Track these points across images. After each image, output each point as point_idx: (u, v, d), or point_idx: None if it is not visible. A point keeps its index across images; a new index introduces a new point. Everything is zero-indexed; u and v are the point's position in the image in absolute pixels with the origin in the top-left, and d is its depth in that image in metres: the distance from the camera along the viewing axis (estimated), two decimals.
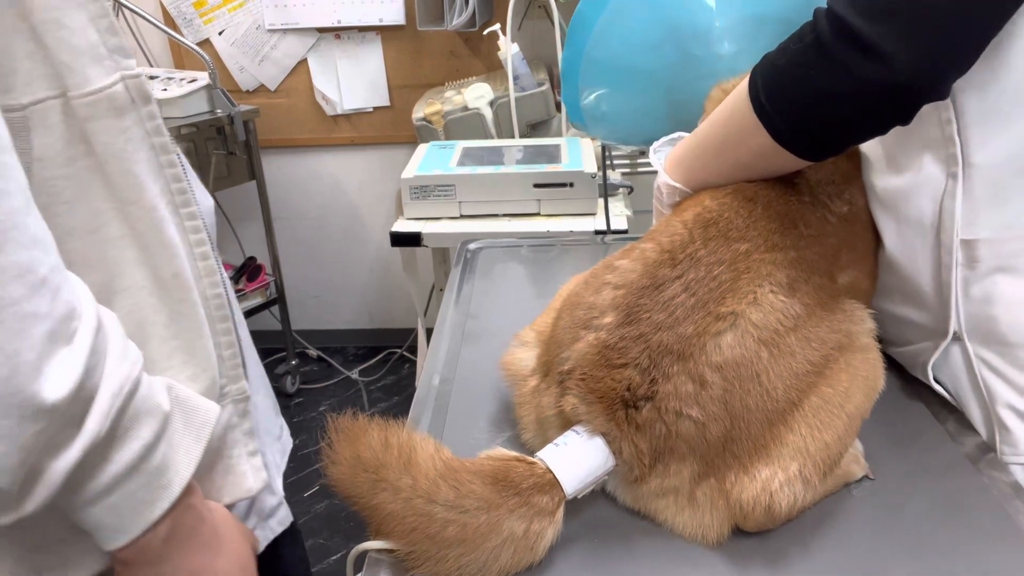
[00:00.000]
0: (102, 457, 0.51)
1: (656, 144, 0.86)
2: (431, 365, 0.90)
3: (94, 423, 0.49)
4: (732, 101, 0.68)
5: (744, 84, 0.66)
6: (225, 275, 0.71)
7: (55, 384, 0.46)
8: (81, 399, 0.48)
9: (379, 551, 0.60)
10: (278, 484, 0.79)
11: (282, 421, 0.87)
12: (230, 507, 0.67)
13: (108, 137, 0.55)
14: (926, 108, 0.65)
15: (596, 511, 0.66)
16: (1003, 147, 0.64)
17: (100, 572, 0.59)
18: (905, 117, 0.60)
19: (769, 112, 0.63)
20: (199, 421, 0.59)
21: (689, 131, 0.77)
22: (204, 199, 0.73)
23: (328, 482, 0.63)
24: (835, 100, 0.59)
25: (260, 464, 0.69)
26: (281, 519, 0.77)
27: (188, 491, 0.58)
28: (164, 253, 0.59)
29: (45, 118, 0.53)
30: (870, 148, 0.77)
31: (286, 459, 0.85)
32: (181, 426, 0.58)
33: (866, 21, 0.56)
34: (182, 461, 0.57)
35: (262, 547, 0.62)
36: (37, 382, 0.45)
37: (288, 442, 0.86)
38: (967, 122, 0.64)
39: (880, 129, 0.62)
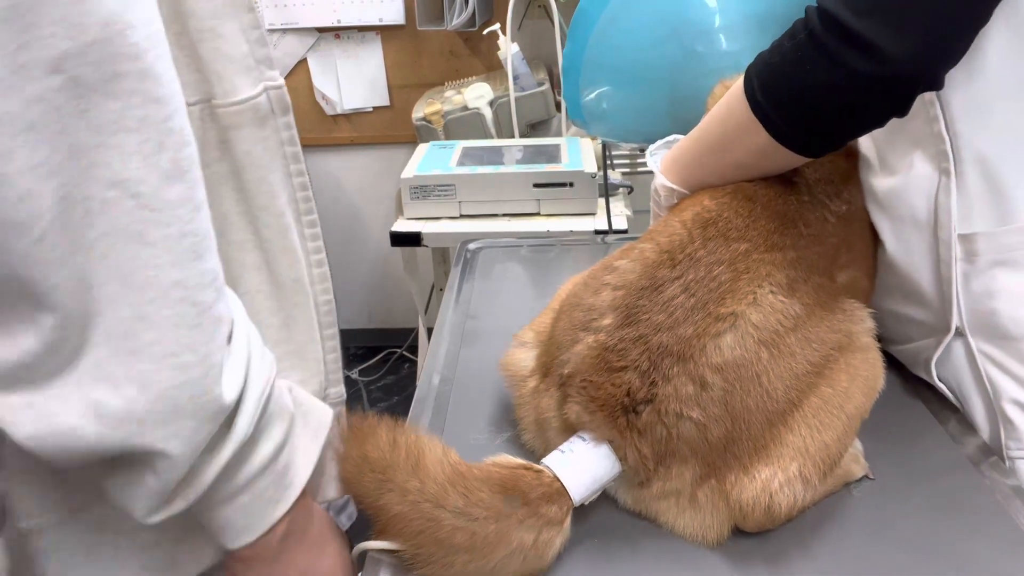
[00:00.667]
0: (244, 458, 0.51)
1: (652, 147, 0.86)
2: (431, 365, 0.90)
3: (244, 424, 0.49)
4: (728, 101, 0.68)
5: (739, 83, 0.66)
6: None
7: (229, 386, 0.47)
8: (239, 398, 0.49)
9: (379, 551, 0.60)
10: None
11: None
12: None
13: (248, 145, 0.57)
14: (914, 107, 0.65)
15: (598, 511, 0.66)
16: (992, 140, 0.64)
17: (201, 572, 0.59)
18: (901, 108, 0.60)
19: (766, 110, 0.64)
20: (316, 423, 0.60)
21: (690, 129, 0.77)
22: None
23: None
24: (831, 94, 0.60)
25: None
26: (350, 514, 0.78)
27: (303, 491, 0.58)
28: (287, 258, 0.61)
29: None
30: (863, 149, 0.77)
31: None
32: (300, 427, 0.58)
33: (856, 16, 0.56)
34: (302, 461, 0.58)
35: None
36: (220, 384, 0.46)
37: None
38: (954, 117, 0.65)
39: (878, 121, 0.63)
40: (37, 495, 0.53)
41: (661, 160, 0.81)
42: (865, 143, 0.77)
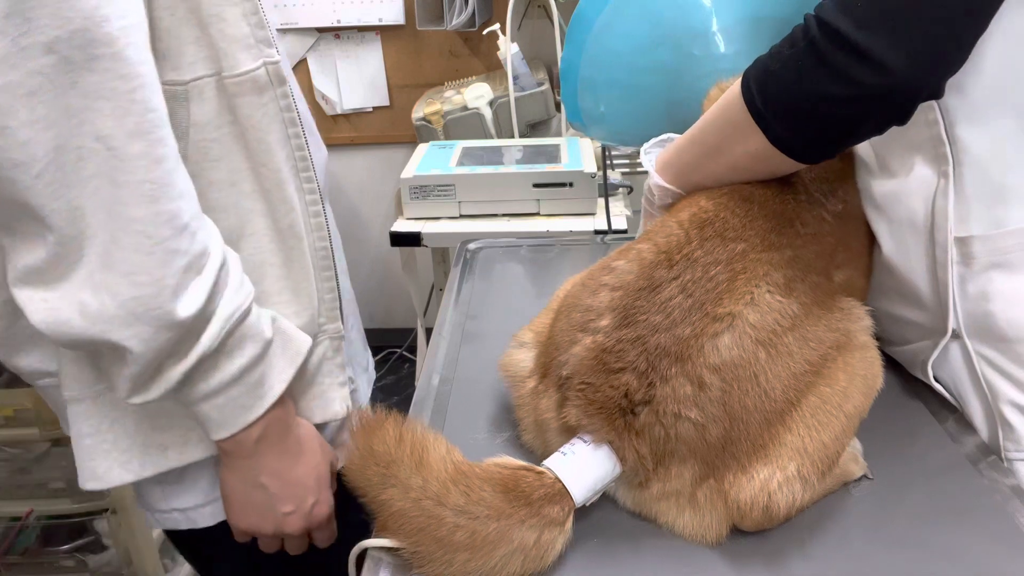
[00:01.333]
0: (213, 366, 0.64)
1: (647, 145, 0.86)
2: (431, 365, 0.90)
3: (207, 339, 0.62)
4: (725, 105, 0.68)
5: (736, 88, 0.66)
6: (335, 229, 0.83)
7: (186, 304, 0.59)
8: (202, 318, 0.61)
9: (380, 549, 0.60)
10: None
11: (369, 355, 1.03)
12: (321, 427, 0.78)
13: (249, 110, 0.67)
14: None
15: (598, 511, 0.66)
16: (990, 143, 0.65)
17: (211, 455, 0.73)
18: (902, 117, 0.60)
19: (767, 117, 0.64)
20: (294, 350, 0.72)
21: (685, 131, 0.78)
22: (319, 152, 0.83)
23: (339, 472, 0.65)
24: (833, 105, 0.60)
25: (347, 394, 0.80)
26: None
27: (280, 405, 0.70)
28: (283, 207, 0.71)
29: (202, 92, 0.66)
30: (861, 152, 0.77)
31: (371, 388, 0.99)
32: (279, 351, 0.70)
33: (856, 28, 0.56)
34: (277, 379, 0.69)
35: (341, 464, 0.72)
36: (173, 301, 0.58)
37: (373, 374, 1.02)
38: (953, 121, 0.65)
39: (878, 130, 0.63)
40: (75, 373, 0.68)
41: (655, 159, 0.81)
42: (863, 146, 0.77)
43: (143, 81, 0.57)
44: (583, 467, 0.62)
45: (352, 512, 0.71)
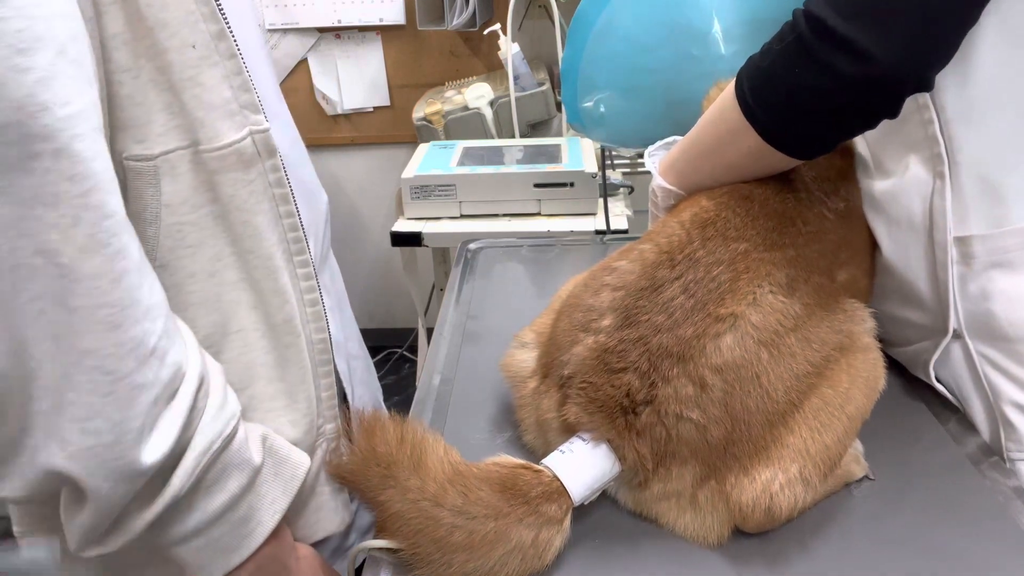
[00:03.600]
0: (188, 506, 0.54)
1: (651, 148, 0.86)
2: (431, 365, 0.90)
3: (179, 481, 0.52)
4: (720, 104, 0.69)
5: (731, 86, 0.66)
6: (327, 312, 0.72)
7: (153, 448, 0.50)
8: (173, 455, 0.52)
9: (380, 550, 0.60)
10: None
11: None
12: (321, 543, 0.69)
13: (233, 189, 0.58)
14: (908, 110, 0.65)
15: (598, 511, 0.66)
16: (986, 142, 0.64)
17: None
18: (891, 110, 0.60)
19: (756, 113, 0.64)
20: (289, 474, 0.62)
21: (686, 132, 0.78)
22: (316, 208, 0.76)
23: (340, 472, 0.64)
24: (820, 97, 0.60)
25: (348, 499, 0.71)
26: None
27: (275, 539, 0.61)
28: (276, 299, 0.62)
29: (175, 167, 0.56)
30: (860, 151, 0.77)
31: None
32: (271, 477, 0.60)
33: (842, 19, 0.57)
34: (267, 512, 0.59)
35: (359, 561, 0.63)
36: (137, 448, 0.49)
37: None
38: (948, 120, 0.65)
39: (868, 123, 0.63)
40: (24, 512, 0.59)
41: (659, 162, 0.81)
42: (860, 146, 0.77)
43: (97, 181, 0.47)
44: (582, 465, 0.61)
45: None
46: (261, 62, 0.70)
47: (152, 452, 0.50)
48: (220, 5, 0.56)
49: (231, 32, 0.57)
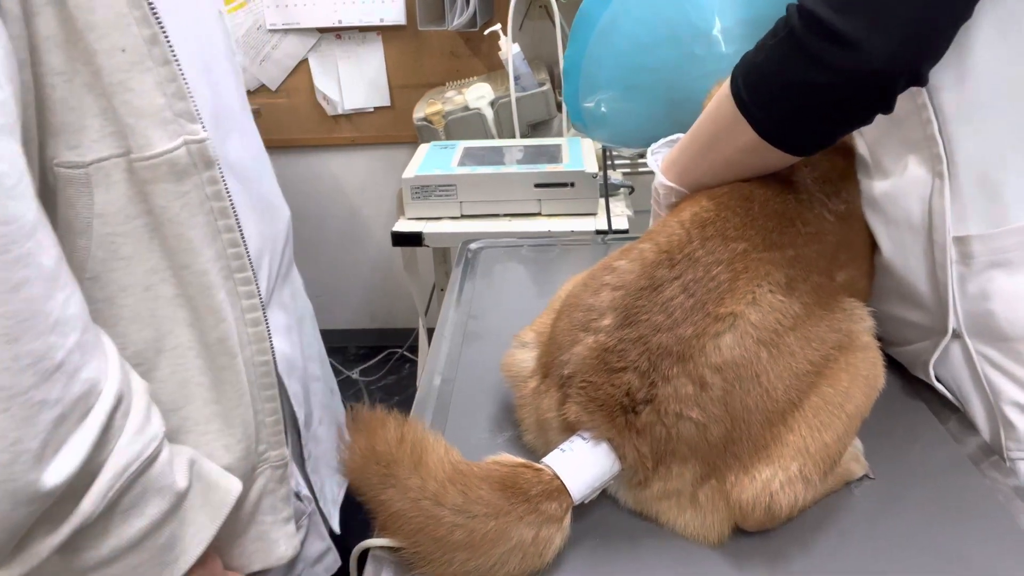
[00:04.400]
0: (103, 530, 0.51)
1: (654, 145, 0.86)
2: (432, 365, 0.90)
3: (89, 504, 0.49)
4: (717, 100, 0.69)
5: (727, 83, 0.66)
6: (276, 337, 0.69)
7: (56, 470, 0.46)
8: (83, 476, 0.49)
9: (382, 549, 0.60)
10: (335, 520, 0.78)
11: None
12: (265, 571, 0.66)
13: (165, 200, 0.55)
14: (907, 110, 0.65)
15: (598, 510, 0.66)
16: (985, 142, 0.64)
17: None
18: (885, 104, 0.60)
19: (751, 109, 0.64)
20: (217, 501, 0.59)
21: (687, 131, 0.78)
22: (282, 211, 0.74)
23: (340, 471, 0.63)
24: (813, 92, 0.60)
25: (293, 530, 0.68)
26: (328, 565, 0.76)
27: (201, 567, 0.58)
28: (211, 318, 0.59)
29: (108, 176, 0.53)
30: (859, 151, 0.77)
31: (344, 490, 0.83)
32: (198, 503, 0.57)
33: (834, 12, 0.57)
34: (192, 540, 0.57)
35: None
36: (36, 469, 0.46)
37: None
38: (947, 119, 0.65)
39: (863, 118, 0.63)
40: None
41: (662, 159, 0.81)
42: (860, 146, 0.77)
43: None
44: (582, 464, 0.62)
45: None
46: (225, 73, 0.67)
47: (55, 474, 0.46)
48: (154, 9, 0.54)
49: (166, 37, 0.55)
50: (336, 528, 0.79)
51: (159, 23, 0.54)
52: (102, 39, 0.51)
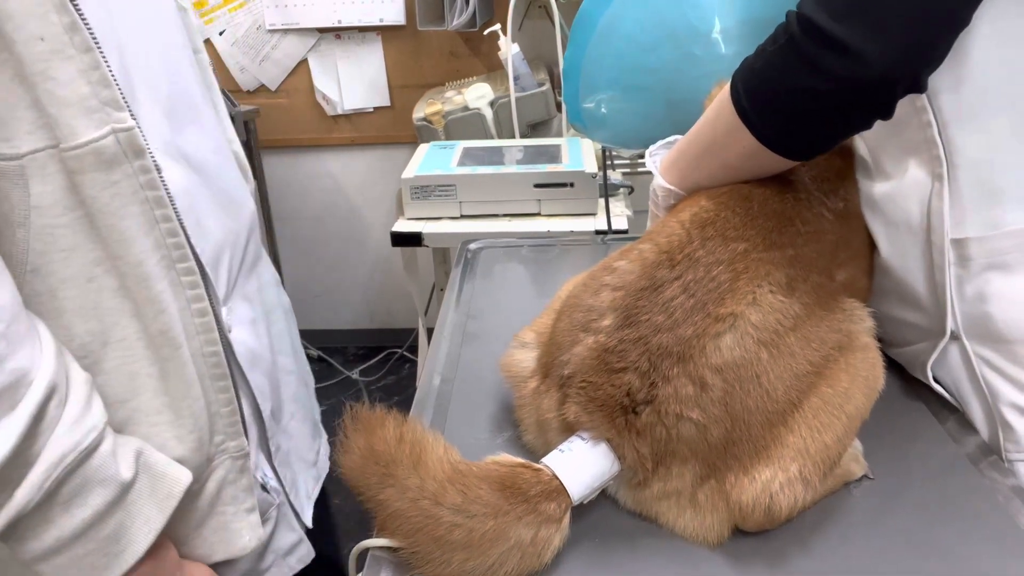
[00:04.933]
0: (44, 520, 0.51)
1: (653, 147, 0.86)
2: (431, 365, 0.90)
3: (23, 494, 0.49)
4: (717, 104, 0.69)
5: (727, 88, 0.67)
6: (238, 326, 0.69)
7: None
8: (16, 466, 0.49)
9: (381, 549, 0.60)
10: (308, 514, 0.78)
11: (320, 444, 0.86)
12: (228, 565, 0.66)
13: (95, 190, 0.55)
14: (907, 113, 0.66)
15: (597, 511, 0.66)
16: (983, 145, 0.65)
17: None
18: (884, 111, 0.60)
19: (751, 114, 0.64)
20: (165, 491, 0.58)
21: (686, 132, 0.78)
22: (244, 206, 0.74)
23: (338, 472, 0.64)
24: (812, 98, 0.60)
25: (257, 521, 0.68)
26: (301, 557, 0.76)
27: (152, 558, 0.58)
28: (150, 309, 0.58)
29: (43, 167, 0.53)
30: (859, 152, 0.77)
31: (320, 484, 0.83)
32: (145, 494, 0.57)
33: (833, 20, 0.57)
34: (140, 530, 0.56)
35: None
36: None
37: (325, 466, 0.85)
38: (946, 122, 0.65)
39: (861, 124, 0.63)
40: None
41: (660, 161, 0.81)
42: (860, 148, 0.77)
43: None
44: (581, 464, 0.62)
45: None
46: (184, 66, 0.67)
47: None
48: None
49: (87, 24, 0.54)
50: (308, 523, 0.79)
51: (78, 10, 0.53)
52: (19, 29, 0.50)
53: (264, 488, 0.73)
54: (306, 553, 0.77)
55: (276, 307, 0.80)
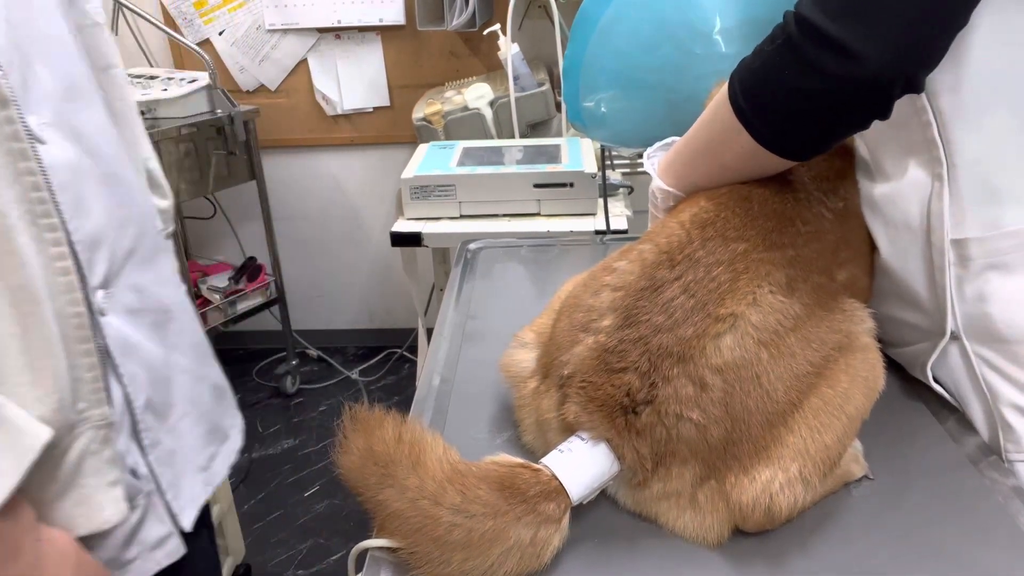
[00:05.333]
0: None
1: (650, 149, 0.87)
2: (431, 365, 0.90)
3: None
4: (714, 105, 0.69)
5: (725, 87, 0.67)
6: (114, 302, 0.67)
7: None
8: None
9: (380, 550, 0.60)
10: (189, 517, 0.76)
11: (216, 450, 0.83)
12: (99, 538, 0.65)
13: None
14: (906, 113, 0.66)
15: (598, 512, 0.66)
16: (983, 145, 0.65)
17: None
18: (881, 111, 0.60)
19: (748, 115, 0.64)
20: (24, 445, 0.57)
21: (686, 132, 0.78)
22: (136, 192, 0.73)
23: (337, 472, 0.63)
24: (810, 98, 0.60)
25: (120, 495, 0.66)
26: (169, 552, 0.74)
27: (8, 515, 0.56)
28: (11, 261, 0.58)
29: None
30: (859, 152, 0.77)
31: (210, 490, 0.81)
32: (2, 447, 0.56)
33: (830, 20, 0.57)
34: None
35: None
36: None
37: (219, 473, 0.83)
38: (946, 122, 0.65)
39: (858, 124, 0.63)
40: None
41: (658, 163, 0.81)
42: (860, 148, 0.77)
43: None
44: (580, 464, 0.61)
45: None
46: (56, 41, 0.68)
47: None
48: None
49: None
50: (186, 526, 0.76)
51: None
52: None
53: (134, 474, 0.71)
54: (175, 548, 0.75)
55: (176, 304, 0.79)
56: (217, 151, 2.20)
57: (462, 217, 1.61)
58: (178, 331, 0.77)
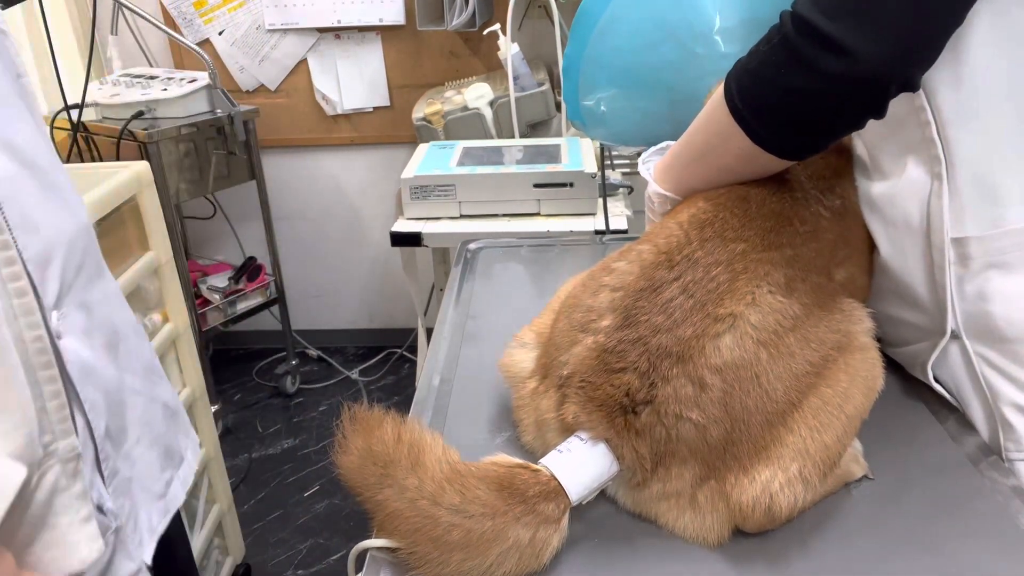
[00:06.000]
0: None
1: (645, 154, 0.87)
2: (431, 365, 0.90)
3: None
4: (711, 106, 0.69)
5: (720, 89, 0.66)
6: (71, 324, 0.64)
7: None
8: None
9: (380, 550, 0.60)
10: (148, 550, 0.73)
11: (172, 475, 0.80)
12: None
13: None
14: (905, 112, 0.66)
15: (597, 511, 0.66)
16: (982, 143, 0.65)
17: None
18: (877, 110, 0.60)
19: (744, 115, 0.64)
20: None
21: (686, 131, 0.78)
22: (79, 209, 0.69)
23: (337, 472, 0.63)
24: (805, 97, 0.60)
25: (95, 532, 0.63)
26: None
27: None
28: None
29: None
30: (857, 152, 0.77)
31: (168, 518, 0.77)
32: None
33: (826, 19, 0.57)
34: None
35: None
36: None
37: (177, 498, 0.79)
38: (945, 122, 0.65)
39: (854, 123, 0.63)
40: None
41: (654, 167, 0.82)
42: (859, 148, 0.77)
43: None
44: (579, 464, 0.61)
45: None
46: None
47: None
48: None
49: None
50: (147, 559, 0.73)
51: None
52: None
53: (100, 510, 0.67)
54: None
55: (123, 323, 0.76)
56: (217, 151, 2.20)
57: (462, 217, 1.61)
58: (127, 351, 0.74)
